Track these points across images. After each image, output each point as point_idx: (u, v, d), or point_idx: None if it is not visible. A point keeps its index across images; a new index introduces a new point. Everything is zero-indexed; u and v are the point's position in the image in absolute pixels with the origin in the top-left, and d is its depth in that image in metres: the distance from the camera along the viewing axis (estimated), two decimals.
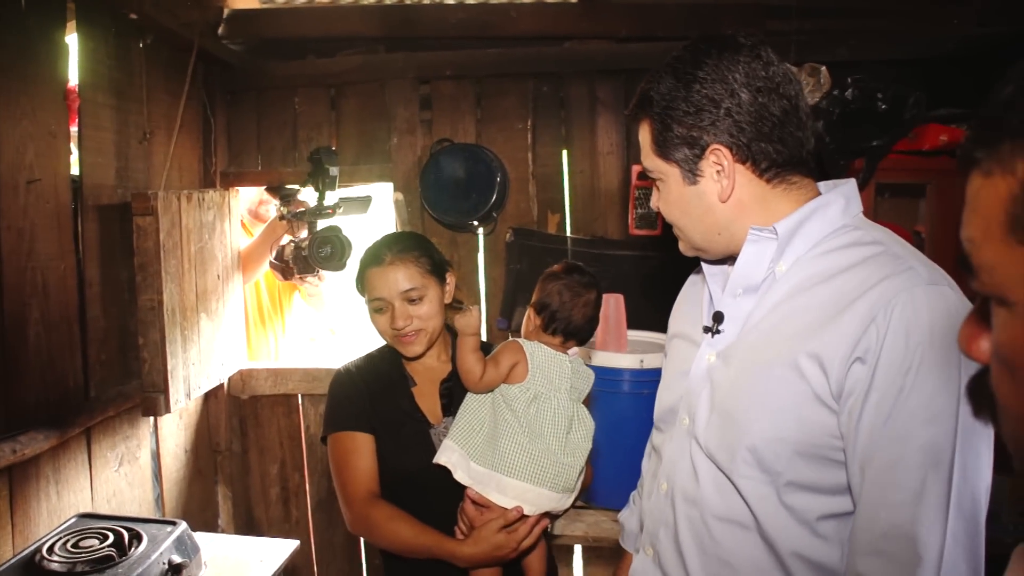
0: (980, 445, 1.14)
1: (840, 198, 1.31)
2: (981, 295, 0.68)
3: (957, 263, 0.70)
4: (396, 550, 1.91)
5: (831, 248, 1.28)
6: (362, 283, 2.01)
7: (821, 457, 1.23)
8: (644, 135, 1.40)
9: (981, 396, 1.14)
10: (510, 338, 1.94)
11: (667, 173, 1.37)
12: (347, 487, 1.96)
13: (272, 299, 3.74)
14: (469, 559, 1.83)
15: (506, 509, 1.81)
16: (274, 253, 3.37)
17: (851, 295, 1.20)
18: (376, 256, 1.98)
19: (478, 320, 1.88)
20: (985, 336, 0.69)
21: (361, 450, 1.97)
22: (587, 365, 2.50)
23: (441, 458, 1.85)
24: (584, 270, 1.92)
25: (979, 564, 1.14)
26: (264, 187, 3.55)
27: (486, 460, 1.82)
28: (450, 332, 2.10)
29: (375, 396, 2.01)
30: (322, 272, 3.32)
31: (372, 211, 3.58)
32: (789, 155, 1.29)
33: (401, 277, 1.93)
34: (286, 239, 3.39)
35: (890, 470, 1.15)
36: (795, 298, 1.28)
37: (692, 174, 1.33)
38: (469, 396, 1.92)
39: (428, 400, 2.04)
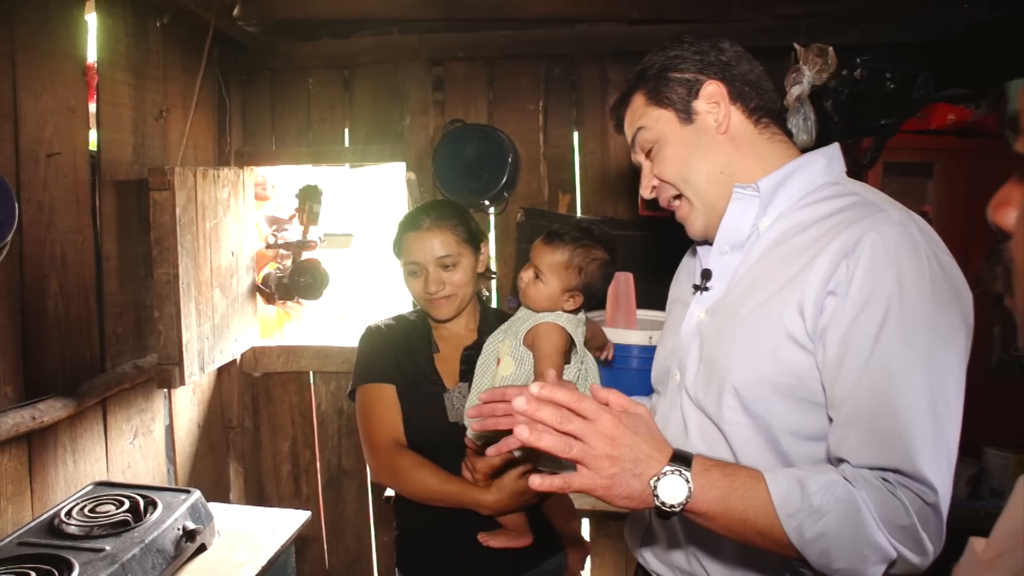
0: (949, 382, 1.17)
1: (822, 158, 1.38)
2: None
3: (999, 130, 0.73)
4: (421, 497, 1.93)
5: (810, 201, 1.34)
6: (399, 246, 2.07)
7: (800, 399, 1.26)
8: (635, 105, 1.47)
9: (949, 335, 1.17)
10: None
11: (660, 122, 1.42)
12: (372, 435, 1.99)
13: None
14: (494, 506, 1.88)
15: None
16: (260, 277, 3.49)
17: (825, 239, 1.24)
18: (414, 221, 2.04)
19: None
20: (1015, 207, 0.72)
21: (387, 400, 2.01)
22: None
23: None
24: (600, 234, 1.90)
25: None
26: (264, 166, 3.63)
27: None
28: (480, 302, 2.17)
29: (399, 353, 2.06)
30: (300, 299, 3.55)
31: (354, 247, 3.91)
32: (769, 105, 1.41)
33: (437, 243, 1.99)
34: (271, 266, 3.54)
35: (862, 399, 1.17)
36: (775, 250, 1.33)
37: (687, 113, 1.40)
38: (482, 362, 1.97)
39: (448, 364, 2.08)
